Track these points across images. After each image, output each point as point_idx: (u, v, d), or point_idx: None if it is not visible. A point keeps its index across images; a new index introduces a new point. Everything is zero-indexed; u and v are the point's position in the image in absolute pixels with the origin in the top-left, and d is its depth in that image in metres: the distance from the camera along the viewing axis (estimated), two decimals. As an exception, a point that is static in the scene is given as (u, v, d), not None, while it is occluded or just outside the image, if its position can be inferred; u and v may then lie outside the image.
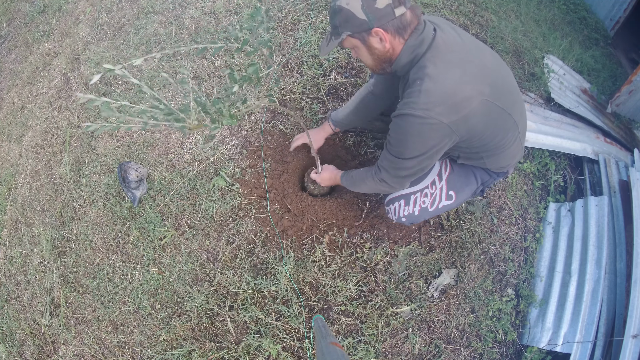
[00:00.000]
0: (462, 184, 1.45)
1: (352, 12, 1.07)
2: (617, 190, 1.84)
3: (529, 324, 1.66)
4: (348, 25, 1.11)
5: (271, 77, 2.08)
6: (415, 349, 1.59)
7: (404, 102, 1.12)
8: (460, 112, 1.07)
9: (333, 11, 1.12)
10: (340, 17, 1.10)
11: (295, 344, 1.58)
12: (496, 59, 1.22)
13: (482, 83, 1.10)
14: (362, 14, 1.07)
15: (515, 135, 1.26)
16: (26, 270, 2.13)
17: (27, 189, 2.33)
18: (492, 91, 1.11)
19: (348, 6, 1.07)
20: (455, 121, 1.08)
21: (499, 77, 1.16)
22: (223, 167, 1.89)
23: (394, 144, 1.19)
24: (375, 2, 1.06)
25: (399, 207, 1.50)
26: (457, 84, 1.07)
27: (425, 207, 1.46)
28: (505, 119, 1.19)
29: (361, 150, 1.88)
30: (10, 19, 3.41)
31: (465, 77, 1.08)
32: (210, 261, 1.77)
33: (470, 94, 1.07)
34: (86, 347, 1.85)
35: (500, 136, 1.22)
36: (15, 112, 2.72)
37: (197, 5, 2.46)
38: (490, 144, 1.24)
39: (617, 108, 2.35)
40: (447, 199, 1.46)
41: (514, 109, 1.21)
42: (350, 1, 1.07)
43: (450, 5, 2.38)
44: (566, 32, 2.80)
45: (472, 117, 1.10)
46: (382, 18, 1.07)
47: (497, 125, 1.18)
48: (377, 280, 1.66)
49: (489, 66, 1.14)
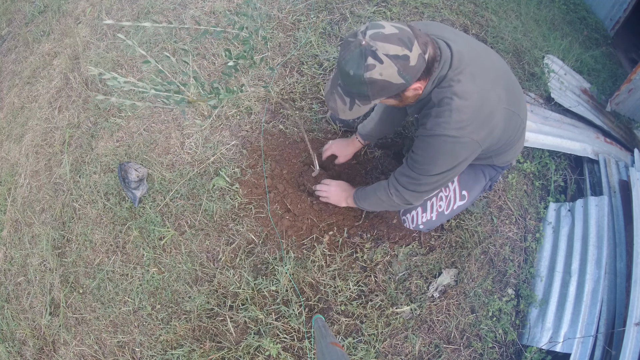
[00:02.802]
0: (473, 182, 1.46)
1: (389, 80, 0.98)
2: (617, 190, 1.83)
3: (529, 324, 1.66)
4: (384, 93, 1.03)
5: (266, 65, 2.08)
6: (415, 349, 1.59)
7: (435, 121, 1.07)
8: (488, 126, 1.08)
9: (359, 82, 0.98)
10: (374, 88, 1.00)
11: (295, 344, 1.58)
12: (499, 58, 1.23)
13: (500, 87, 1.09)
14: (399, 79, 0.98)
15: (521, 132, 1.27)
16: (26, 270, 2.13)
17: (27, 189, 2.33)
18: (507, 95, 1.11)
19: (382, 76, 0.96)
20: (484, 136, 1.08)
21: (508, 77, 1.17)
22: (223, 167, 1.89)
23: (421, 161, 1.15)
24: (409, 60, 0.96)
25: (416, 215, 1.50)
26: (483, 96, 1.05)
27: (442, 210, 1.47)
28: (516, 120, 1.20)
29: (361, 150, 1.88)
30: (10, 19, 3.41)
31: (487, 86, 1.07)
32: (210, 261, 1.77)
33: (494, 106, 1.07)
34: (86, 347, 1.85)
35: (511, 136, 1.24)
36: (15, 112, 2.72)
37: (197, 5, 2.46)
38: (502, 146, 1.26)
39: (617, 107, 2.35)
40: (461, 199, 1.46)
41: (520, 107, 1.22)
42: (383, 70, 0.95)
43: (450, 5, 2.38)
44: (566, 32, 2.80)
45: (496, 128, 1.10)
46: (418, 71, 1.00)
47: (510, 128, 1.19)
48: (377, 280, 1.66)
49: (500, 67, 1.15)
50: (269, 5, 2.33)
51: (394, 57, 0.95)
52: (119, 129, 2.20)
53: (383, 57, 0.94)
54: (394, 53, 0.94)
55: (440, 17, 2.30)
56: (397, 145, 1.91)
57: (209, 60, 2.22)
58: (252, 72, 2.11)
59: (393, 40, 0.94)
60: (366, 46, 0.94)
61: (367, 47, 0.94)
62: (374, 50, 0.94)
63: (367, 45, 0.94)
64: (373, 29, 0.96)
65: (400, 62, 0.95)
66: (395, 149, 1.90)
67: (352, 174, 1.84)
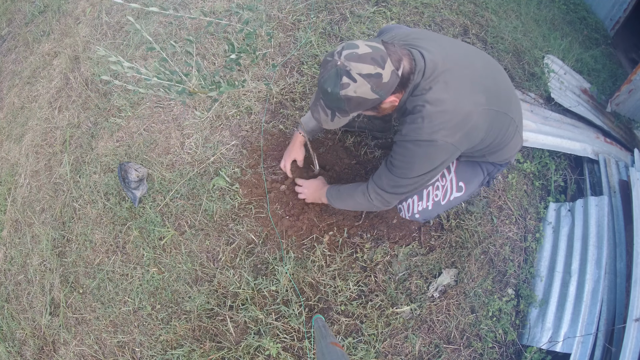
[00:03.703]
0: (471, 175, 1.47)
1: (364, 97, 1.06)
2: (617, 190, 1.84)
3: (529, 324, 1.66)
4: (360, 107, 1.10)
5: (267, 64, 2.08)
6: (415, 349, 1.59)
7: (409, 127, 1.12)
8: (463, 129, 1.10)
9: (336, 99, 1.07)
10: (350, 104, 1.08)
11: (295, 344, 1.58)
12: (484, 59, 1.24)
13: (478, 92, 1.12)
14: (373, 94, 1.06)
15: (513, 130, 1.28)
16: (26, 270, 2.13)
17: (27, 189, 2.33)
18: (488, 98, 1.14)
19: (357, 93, 1.05)
20: (459, 139, 1.11)
21: (491, 79, 1.19)
22: (223, 167, 1.89)
23: (398, 166, 1.20)
24: (382, 77, 1.04)
25: (412, 203, 1.51)
26: (456, 102, 1.09)
27: (438, 200, 1.47)
28: (503, 119, 1.21)
29: (361, 151, 1.88)
30: (10, 19, 3.41)
31: (462, 91, 1.10)
32: (210, 261, 1.77)
33: (469, 109, 1.10)
34: (86, 347, 1.85)
35: (500, 136, 1.25)
36: (15, 112, 2.72)
37: (197, 5, 2.47)
38: (492, 145, 1.27)
39: (617, 107, 2.35)
40: (458, 190, 1.47)
41: (510, 107, 1.23)
42: (357, 88, 1.04)
43: (450, 5, 2.38)
44: (566, 32, 2.80)
45: (473, 130, 1.13)
46: (392, 87, 1.07)
47: (496, 127, 1.21)
48: (377, 280, 1.66)
49: (480, 71, 1.17)
50: (269, 5, 2.33)
51: (366, 76, 1.03)
52: (119, 129, 2.20)
53: (357, 76, 1.03)
54: (367, 72, 1.03)
55: (441, 17, 2.30)
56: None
57: (209, 60, 2.22)
58: (254, 70, 2.11)
59: (366, 59, 1.03)
60: (341, 66, 1.03)
61: (342, 67, 1.03)
62: (347, 70, 1.03)
63: (342, 65, 1.03)
64: (348, 49, 1.05)
65: (373, 80, 1.03)
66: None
67: (352, 174, 1.84)
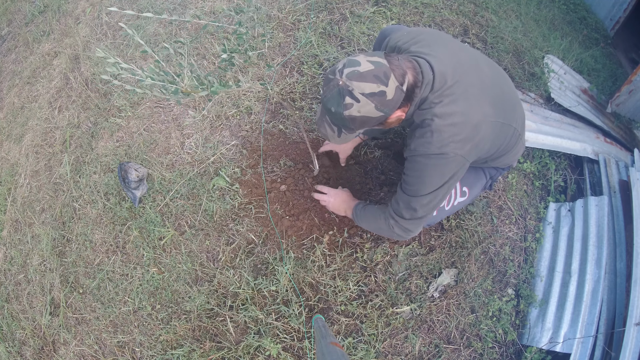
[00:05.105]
0: (474, 179, 1.47)
1: (368, 116, 1.03)
2: (617, 190, 1.84)
3: (529, 324, 1.66)
4: (366, 125, 1.08)
5: (265, 64, 2.08)
6: (415, 349, 1.59)
7: (418, 142, 1.11)
8: (473, 141, 1.09)
9: (340, 118, 1.05)
10: (354, 123, 1.06)
11: (295, 344, 1.58)
12: (492, 67, 1.23)
13: (486, 103, 1.11)
14: (378, 112, 1.03)
15: (516, 138, 1.29)
16: (26, 270, 2.13)
17: (27, 189, 2.33)
18: (495, 109, 1.13)
19: (361, 113, 1.02)
20: (468, 150, 1.10)
21: (498, 88, 1.18)
22: (223, 167, 1.89)
23: (410, 182, 1.18)
24: (386, 94, 1.01)
25: None
26: (465, 114, 1.07)
27: (442, 206, 1.47)
28: (507, 130, 1.22)
29: (361, 151, 1.88)
30: (10, 19, 3.41)
31: (471, 103, 1.08)
32: (210, 261, 1.77)
33: (478, 120, 1.08)
34: (86, 347, 1.85)
35: (503, 145, 1.26)
36: (15, 112, 2.72)
37: (197, 5, 2.47)
38: (495, 153, 1.28)
39: (617, 108, 2.35)
40: (462, 195, 1.47)
41: (514, 115, 1.24)
42: (361, 108, 1.01)
43: (450, 5, 2.38)
44: (566, 32, 2.80)
45: (481, 142, 1.12)
46: (397, 103, 1.04)
47: (501, 138, 1.21)
48: (377, 280, 1.66)
49: (487, 81, 1.15)
50: (269, 5, 2.33)
51: (369, 95, 1.00)
52: (119, 129, 2.20)
53: (359, 96, 0.99)
54: (370, 91, 0.99)
55: (441, 17, 2.30)
56: (397, 145, 1.91)
57: (209, 60, 2.21)
58: (252, 71, 2.11)
59: (368, 78, 0.99)
60: (343, 86, 1.00)
61: (344, 87, 1.00)
62: (350, 90, 0.99)
63: (344, 85, 1.00)
64: (349, 67, 1.01)
65: (376, 99, 1.00)
66: (395, 149, 1.90)
67: (352, 174, 1.84)
